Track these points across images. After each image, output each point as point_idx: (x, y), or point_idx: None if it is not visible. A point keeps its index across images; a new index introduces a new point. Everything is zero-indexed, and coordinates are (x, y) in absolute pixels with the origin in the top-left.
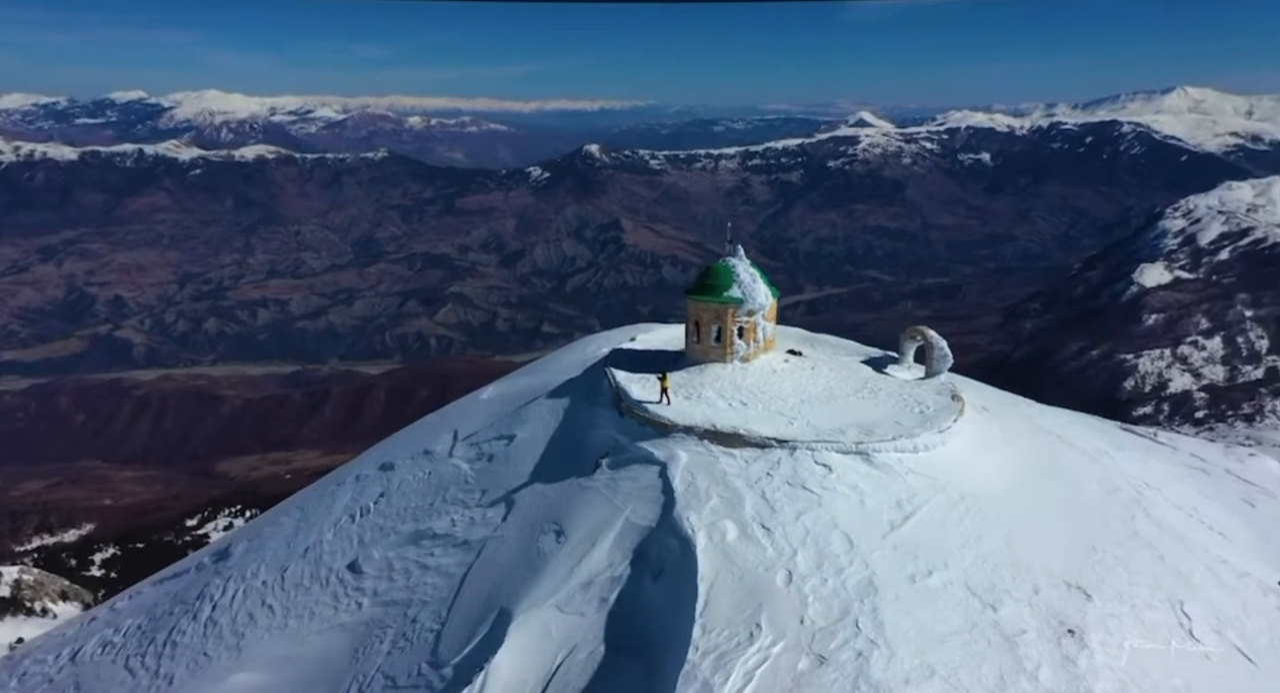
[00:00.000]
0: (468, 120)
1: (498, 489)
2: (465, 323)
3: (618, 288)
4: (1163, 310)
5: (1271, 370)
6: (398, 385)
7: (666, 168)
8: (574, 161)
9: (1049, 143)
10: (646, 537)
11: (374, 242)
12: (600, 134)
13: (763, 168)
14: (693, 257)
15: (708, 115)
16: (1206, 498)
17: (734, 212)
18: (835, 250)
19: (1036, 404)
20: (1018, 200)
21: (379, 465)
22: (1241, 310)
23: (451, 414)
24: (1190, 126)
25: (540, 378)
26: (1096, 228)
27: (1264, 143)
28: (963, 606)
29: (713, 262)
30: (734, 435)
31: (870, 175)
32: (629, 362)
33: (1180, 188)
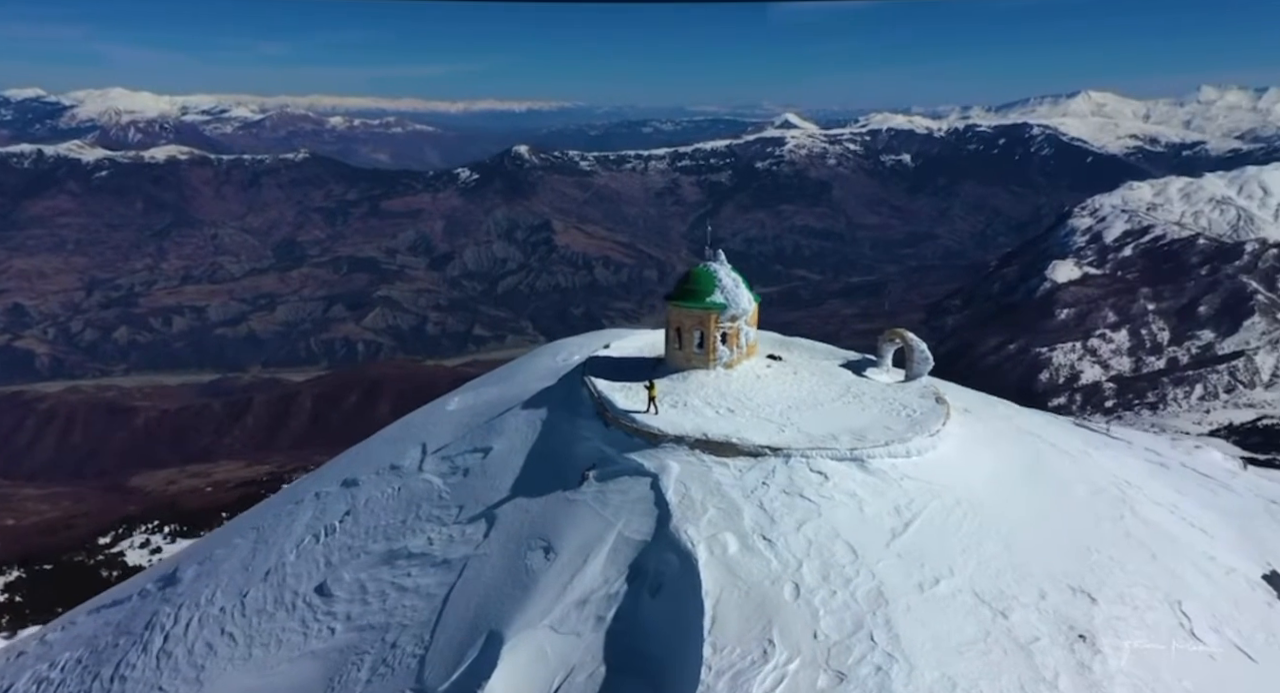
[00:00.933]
0: (392, 121)
1: (476, 505)
2: (394, 327)
3: (550, 290)
4: (1073, 305)
5: (1172, 361)
6: (325, 392)
7: (597, 169)
8: (503, 163)
9: (965, 144)
10: (642, 551)
11: (296, 245)
12: (529, 135)
13: (692, 169)
14: (625, 258)
15: (636, 116)
16: (1181, 494)
17: (664, 212)
18: (764, 250)
19: (1011, 404)
20: (937, 200)
21: (341, 482)
22: (1144, 304)
23: (416, 426)
24: (1094, 129)
25: (509, 388)
26: (1011, 226)
27: (1160, 145)
28: (974, 614)
29: (693, 266)
30: (726, 444)
31: (797, 176)
32: (606, 370)
33: (1087, 187)
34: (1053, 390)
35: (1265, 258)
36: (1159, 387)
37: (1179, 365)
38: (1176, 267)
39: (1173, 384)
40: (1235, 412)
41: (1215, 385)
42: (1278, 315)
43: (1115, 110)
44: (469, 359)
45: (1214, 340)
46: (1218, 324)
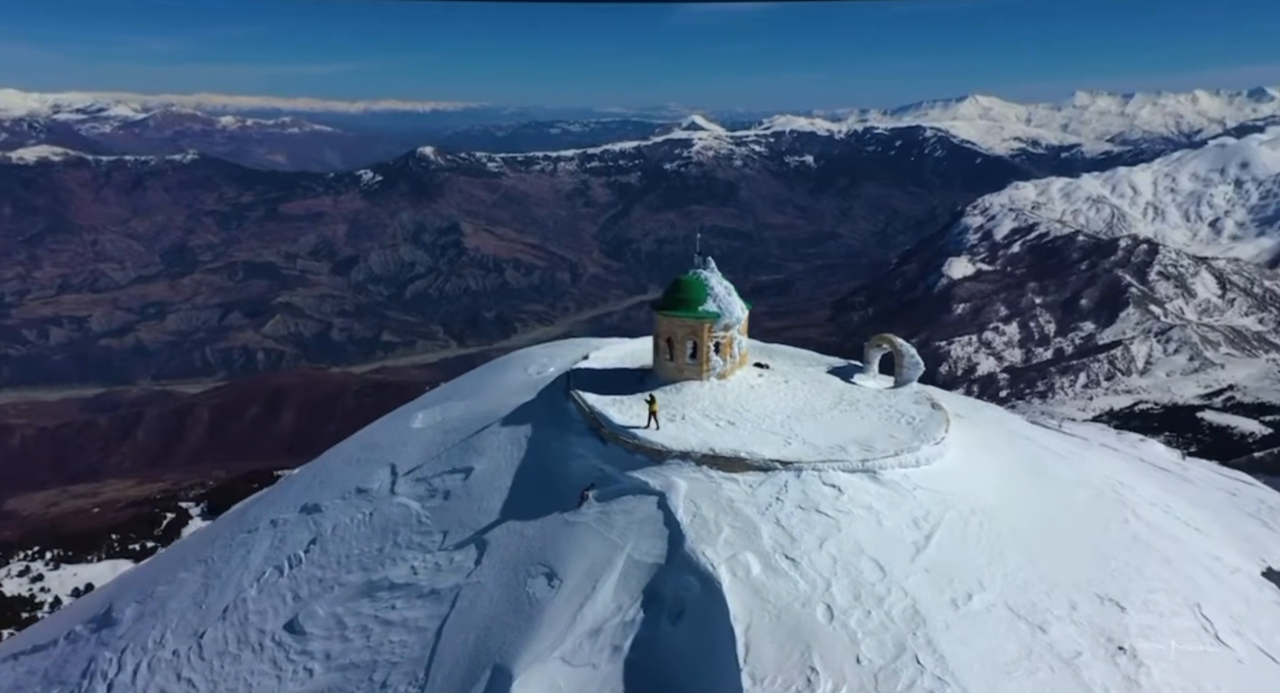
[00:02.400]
0: (288, 121)
1: (462, 530)
2: (296, 334)
3: (460, 293)
4: (968, 300)
5: (1059, 351)
6: (223, 404)
7: (505, 170)
8: (408, 164)
9: (864, 146)
10: (656, 575)
11: (187, 250)
12: (434, 136)
13: (601, 170)
14: (536, 260)
15: (544, 117)
16: (1168, 493)
17: (575, 214)
18: (675, 250)
19: (995, 407)
20: (839, 200)
21: (300, 508)
22: (1032, 298)
23: (379, 446)
24: (982, 132)
25: (480, 403)
26: (909, 225)
27: (1041, 147)
28: (1013, 630)
29: (682, 274)
30: (735, 459)
31: (705, 177)
32: (591, 383)
33: (976, 187)
34: (952, 383)
35: (1137, 253)
36: (1047, 376)
37: (1064, 356)
38: (1059, 262)
39: (1059, 373)
40: (1115, 398)
41: (1097, 374)
42: (1150, 307)
43: (1000, 114)
44: (377, 366)
45: (1094, 331)
46: (1097, 316)
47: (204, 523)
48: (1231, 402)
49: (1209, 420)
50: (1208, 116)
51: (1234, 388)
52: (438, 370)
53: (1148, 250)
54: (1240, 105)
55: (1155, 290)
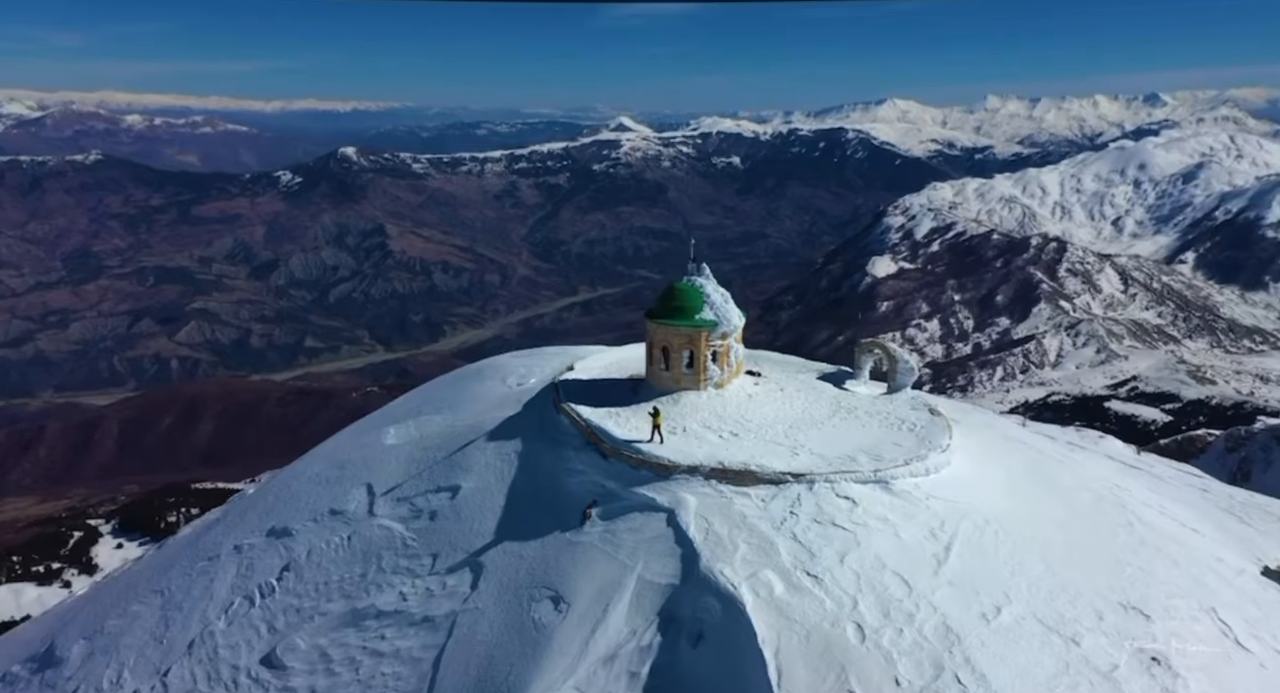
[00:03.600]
0: (200, 120)
1: (453, 552)
2: (213, 341)
3: (387, 296)
4: (892, 298)
5: (977, 346)
6: (135, 416)
7: (430, 171)
8: (328, 165)
9: (789, 147)
10: (671, 596)
11: (91, 255)
12: (356, 136)
13: (529, 171)
14: (465, 262)
15: (470, 118)
16: (1158, 494)
17: (503, 215)
18: (606, 251)
19: (985, 410)
20: (766, 201)
21: (267, 532)
22: (951, 295)
23: (350, 465)
24: (901, 134)
25: (458, 417)
26: (833, 225)
27: (956, 148)
28: (1046, 643)
29: (675, 281)
30: (745, 473)
31: (633, 178)
32: (582, 395)
33: (897, 188)
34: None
35: (1047, 251)
36: (967, 370)
37: (982, 350)
38: (976, 260)
39: (978, 367)
40: (1030, 390)
41: (1013, 367)
42: (1060, 302)
43: (918, 117)
44: (301, 372)
45: (1010, 326)
46: (1012, 312)
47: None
48: (1135, 391)
49: (1115, 410)
50: (1108, 120)
51: (1137, 378)
52: (365, 376)
53: (1057, 248)
54: (1137, 109)
55: (1064, 286)
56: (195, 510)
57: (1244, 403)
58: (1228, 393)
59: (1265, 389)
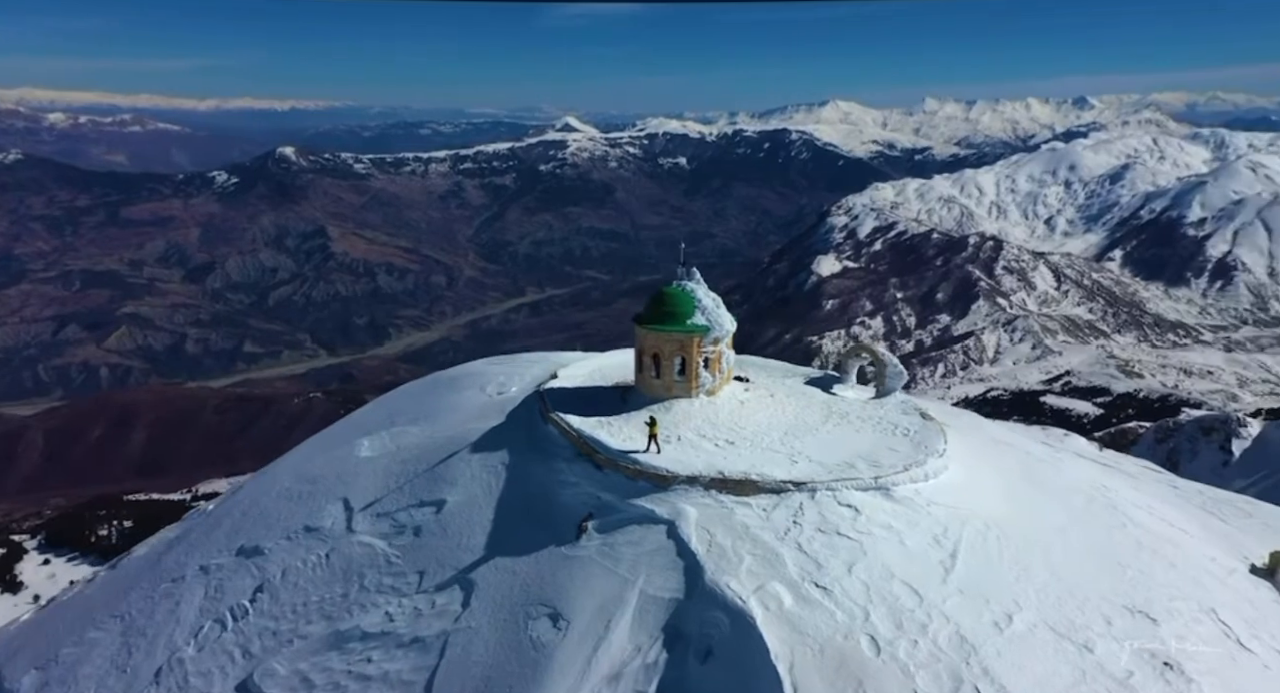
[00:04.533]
0: (129, 118)
1: (441, 569)
2: (145, 348)
3: (329, 300)
4: (837, 296)
5: (919, 344)
6: (61, 425)
7: (373, 172)
8: (266, 165)
9: (734, 148)
10: (676, 611)
11: (13, 260)
12: (294, 136)
13: (475, 172)
14: (409, 264)
15: (413, 118)
16: (1143, 493)
17: (449, 216)
18: (553, 252)
19: (970, 413)
20: (713, 201)
21: (236, 551)
22: (894, 293)
23: (322, 478)
24: (843, 135)
25: (436, 427)
26: (779, 225)
27: (897, 150)
28: (1060, 651)
29: (665, 286)
30: (746, 482)
31: (580, 179)
32: (570, 403)
33: (840, 188)
34: None
35: (984, 250)
36: (910, 367)
37: (924, 347)
38: (917, 259)
39: (920, 364)
40: (970, 385)
41: (954, 363)
42: (997, 300)
43: (859, 118)
44: (240, 378)
45: (950, 324)
46: (952, 309)
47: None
48: (1069, 385)
49: (1050, 404)
50: (1039, 122)
51: (1070, 373)
52: (307, 381)
53: (994, 247)
54: (1066, 112)
55: (1001, 284)
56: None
57: (1169, 395)
58: (1154, 386)
59: (1188, 382)
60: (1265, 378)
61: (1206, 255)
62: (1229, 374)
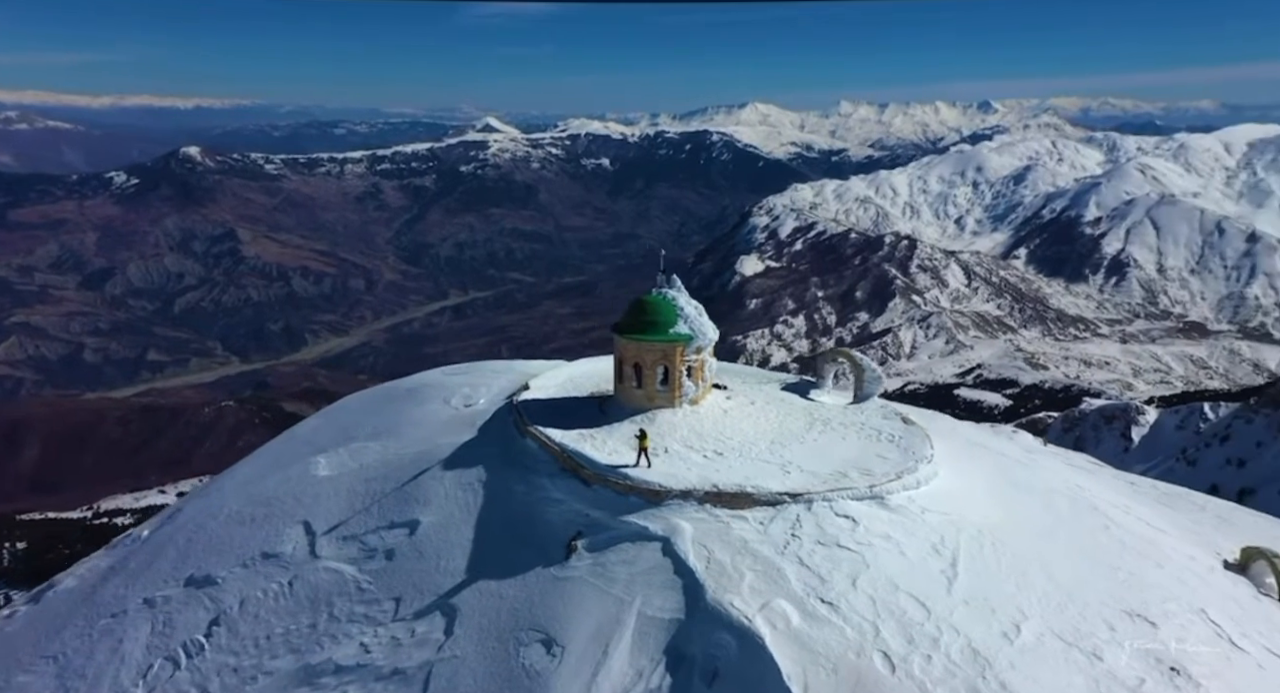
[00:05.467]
0: (14, 115)
1: (419, 595)
2: (38, 358)
3: (240, 305)
4: (760, 295)
5: (840, 340)
6: None
7: (285, 172)
8: (169, 165)
9: (656, 149)
10: (678, 632)
11: None
12: (199, 135)
13: (394, 172)
14: (326, 267)
15: (326, 117)
16: (1116, 492)
17: (367, 218)
18: (476, 254)
19: (945, 415)
20: (636, 202)
21: (184, 582)
22: (815, 292)
23: (277, 500)
24: (762, 136)
25: (400, 443)
26: (702, 225)
27: (814, 151)
28: (1071, 661)
29: (643, 294)
30: (741, 495)
31: (503, 179)
32: (547, 416)
33: (761, 189)
34: None
35: (899, 248)
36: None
37: (844, 344)
38: (837, 258)
39: None
40: (889, 380)
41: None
42: (912, 297)
43: (777, 120)
44: (144, 388)
45: (869, 320)
46: (870, 306)
47: None
48: (980, 378)
49: (964, 397)
50: (947, 125)
51: (981, 366)
52: (218, 390)
53: (908, 246)
54: (972, 116)
55: (916, 282)
56: (22, 545)
57: (1072, 386)
58: (1058, 377)
59: (1089, 373)
60: (1156, 368)
61: (1102, 252)
62: (1124, 365)
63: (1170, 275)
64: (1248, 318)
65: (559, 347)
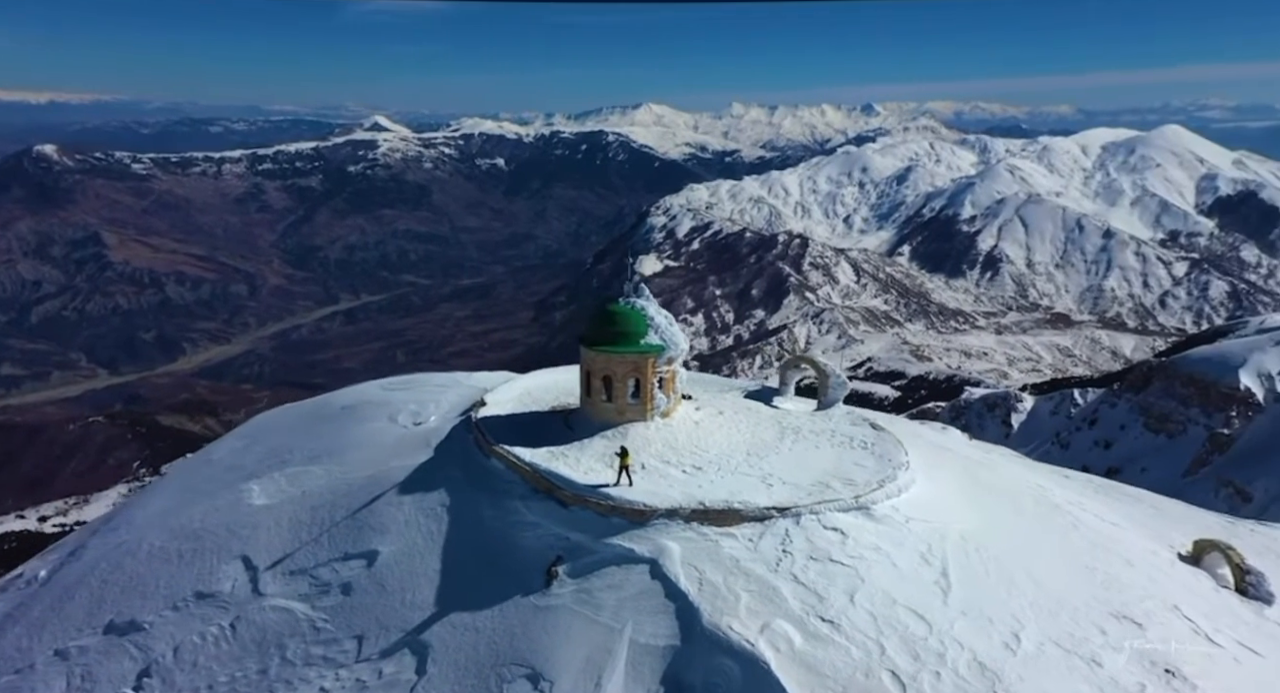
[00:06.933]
0: None
1: (384, 633)
2: None
3: (107, 313)
4: (659, 295)
5: (738, 337)
6: None
7: (155, 172)
8: (22, 164)
9: (552, 149)
10: (674, 659)
11: None
12: (55, 132)
13: (276, 172)
14: (204, 272)
15: (200, 114)
16: (1067, 490)
17: (248, 220)
18: (368, 257)
19: (900, 418)
20: (533, 202)
21: (102, 629)
22: (713, 290)
23: (208, 533)
24: (657, 137)
25: (347, 466)
26: (600, 225)
27: (708, 152)
28: (1073, 669)
29: (610, 304)
30: (729, 512)
31: (394, 180)
32: (511, 434)
33: (657, 189)
34: None
35: (792, 246)
36: (730, 361)
37: (743, 341)
38: (733, 257)
39: (740, 357)
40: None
41: (770, 355)
42: (806, 294)
43: (672, 121)
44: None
45: (765, 318)
46: (766, 304)
47: None
48: (871, 371)
49: (856, 389)
50: (834, 127)
51: (871, 360)
52: (84, 405)
53: (800, 244)
54: (856, 118)
55: (809, 279)
56: None
57: (954, 376)
58: (941, 368)
59: (969, 363)
60: (1028, 357)
61: (978, 249)
62: (1000, 355)
63: (1038, 270)
64: (1106, 308)
65: (458, 350)
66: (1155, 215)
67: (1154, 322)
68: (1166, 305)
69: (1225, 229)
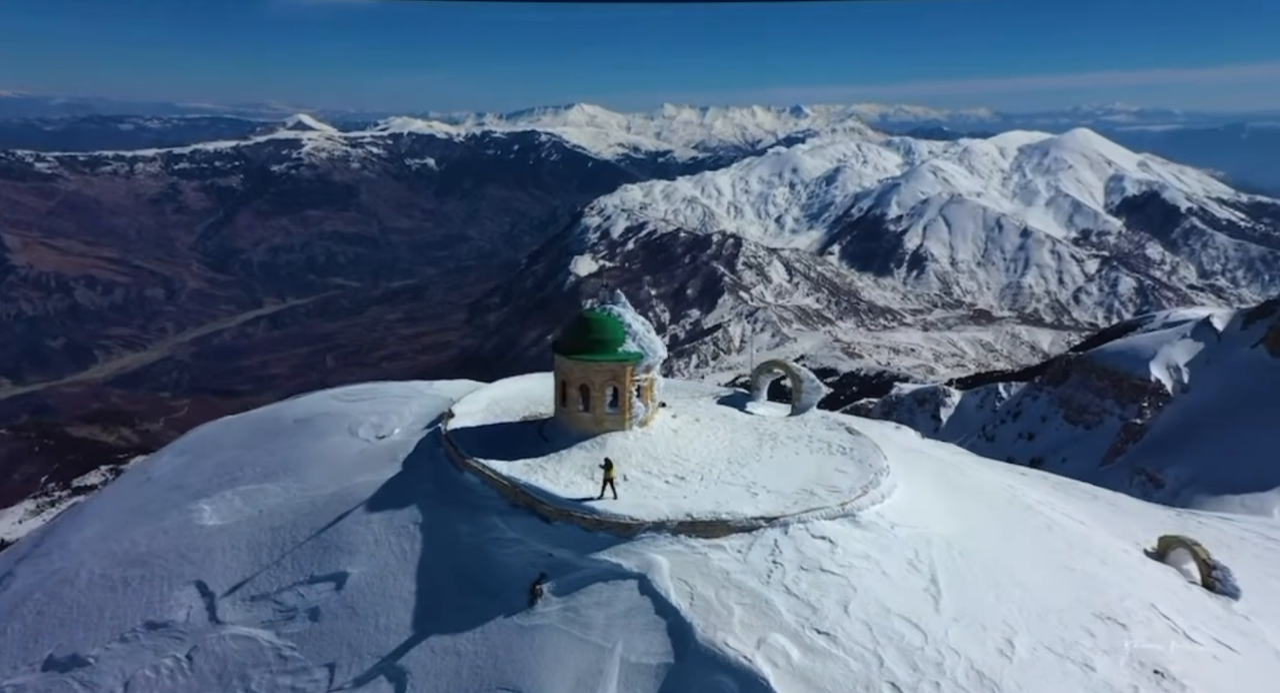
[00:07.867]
0: None
1: (357, 659)
2: None
3: (10, 320)
4: (595, 295)
5: (675, 337)
6: None
7: (62, 172)
8: None
9: (484, 149)
10: (669, 678)
11: None
12: None
13: (194, 172)
14: (117, 276)
15: (110, 111)
16: (1034, 490)
17: (164, 222)
18: (294, 259)
19: (873, 422)
20: (466, 203)
21: (43, 665)
22: (649, 290)
23: (156, 558)
24: (590, 137)
25: (307, 483)
26: (534, 226)
27: (641, 152)
28: (1067, 674)
29: (586, 312)
30: (717, 523)
31: (319, 180)
32: (482, 445)
33: (591, 190)
34: None
35: (726, 246)
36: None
37: (679, 341)
38: (668, 257)
39: (676, 357)
40: (721, 374)
41: (705, 354)
42: (740, 293)
43: (604, 121)
44: None
45: (700, 317)
46: (701, 303)
47: None
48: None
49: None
50: (764, 128)
51: (804, 357)
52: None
53: (734, 244)
54: (786, 120)
55: (742, 278)
56: None
57: (884, 372)
58: (871, 365)
59: (898, 359)
60: (953, 352)
61: (904, 248)
62: (927, 351)
63: (961, 268)
64: (1024, 305)
65: (390, 354)
66: (1068, 215)
67: (1069, 317)
68: (1080, 301)
69: (1132, 228)
